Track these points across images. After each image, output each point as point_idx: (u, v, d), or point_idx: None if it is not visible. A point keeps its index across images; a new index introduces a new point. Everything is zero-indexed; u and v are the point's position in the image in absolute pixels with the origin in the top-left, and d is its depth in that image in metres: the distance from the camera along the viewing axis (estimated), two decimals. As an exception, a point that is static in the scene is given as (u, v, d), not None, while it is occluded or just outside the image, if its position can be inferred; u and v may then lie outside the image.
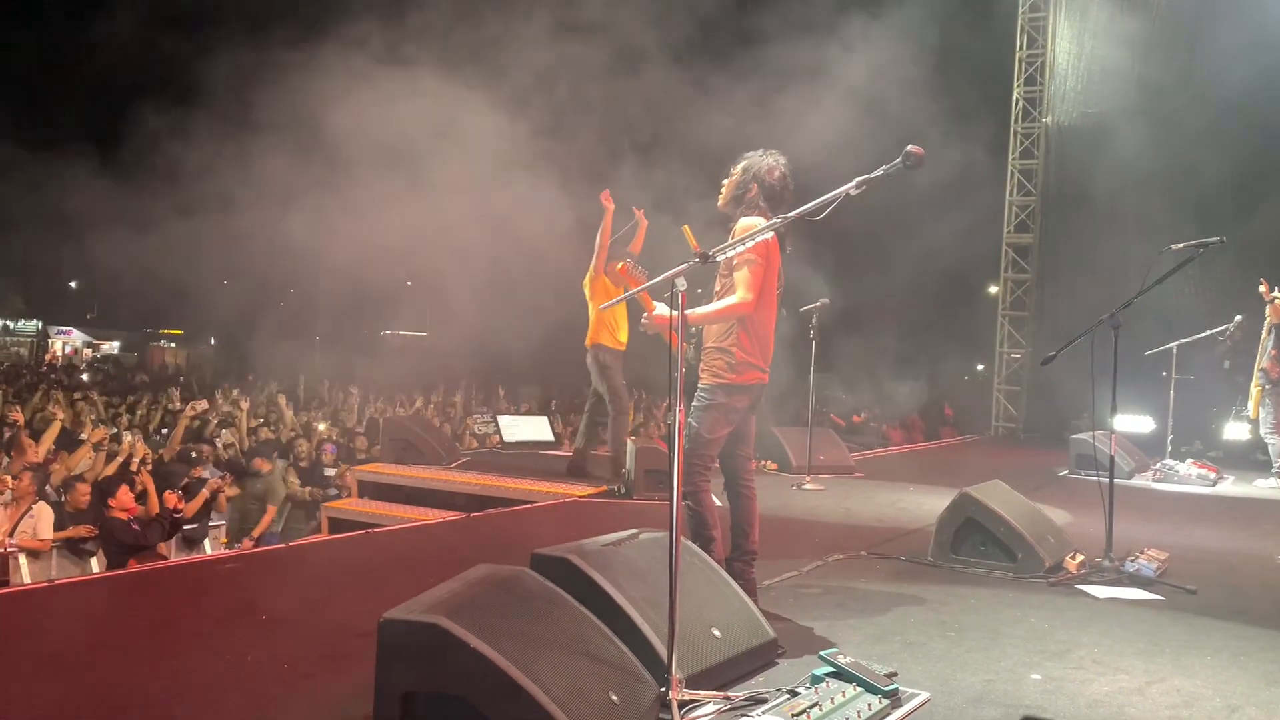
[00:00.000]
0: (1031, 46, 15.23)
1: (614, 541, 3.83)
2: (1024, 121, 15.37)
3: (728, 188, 4.57)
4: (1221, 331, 10.30)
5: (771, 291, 4.46)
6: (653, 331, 4.32)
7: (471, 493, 8.29)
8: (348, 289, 31.47)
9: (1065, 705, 3.47)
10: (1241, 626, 4.58)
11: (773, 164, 4.48)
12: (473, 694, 2.77)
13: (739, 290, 4.25)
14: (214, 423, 11.92)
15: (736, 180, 4.53)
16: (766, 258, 4.32)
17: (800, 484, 8.84)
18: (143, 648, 3.99)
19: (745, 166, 4.52)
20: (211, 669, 3.68)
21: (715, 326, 4.40)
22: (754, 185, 4.45)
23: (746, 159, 4.53)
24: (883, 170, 3.33)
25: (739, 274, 4.26)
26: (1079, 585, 5.25)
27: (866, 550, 6.08)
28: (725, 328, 4.37)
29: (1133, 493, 8.98)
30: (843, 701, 3.22)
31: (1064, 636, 4.31)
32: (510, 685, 2.71)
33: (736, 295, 4.25)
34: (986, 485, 5.88)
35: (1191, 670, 3.90)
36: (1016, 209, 15.50)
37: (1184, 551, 6.09)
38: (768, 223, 4.10)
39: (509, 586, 3.19)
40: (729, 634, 3.65)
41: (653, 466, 7.80)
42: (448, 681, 2.81)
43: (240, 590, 5.06)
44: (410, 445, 9.52)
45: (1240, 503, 9.02)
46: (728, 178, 4.58)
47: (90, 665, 3.76)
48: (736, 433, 4.49)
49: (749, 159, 4.53)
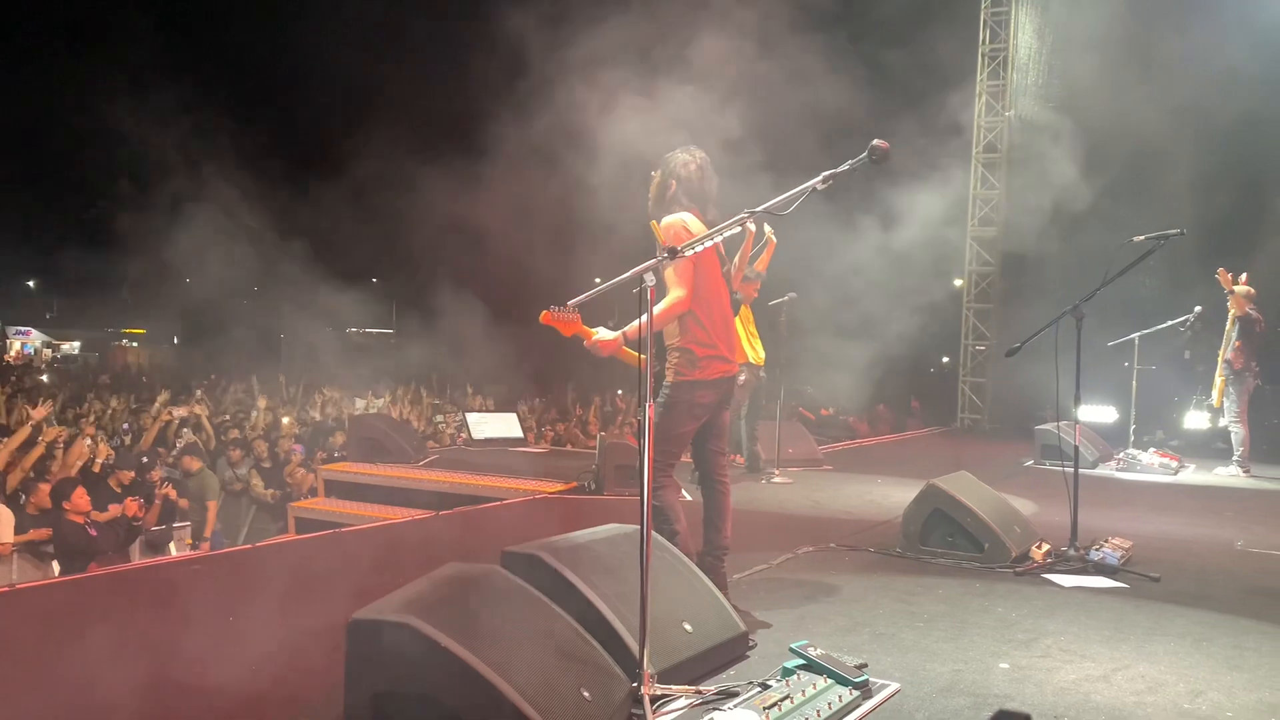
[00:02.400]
0: (994, 41, 15.35)
1: (586, 537, 3.83)
2: (987, 115, 15.50)
3: (651, 192, 4.59)
4: (1182, 322, 10.45)
5: (714, 280, 4.45)
6: (609, 353, 4.30)
7: (440, 491, 8.24)
8: (320, 285, 31.25)
9: (1033, 693, 3.51)
10: (1204, 612, 4.65)
11: (688, 158, 4.50)
12: (444, 693, 2.75)
13: (671, 290, 4.27)
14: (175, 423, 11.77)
15: (657, 183, 4.56)
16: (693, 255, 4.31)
17: (770, 477, 8.87)
18: (106, 652, 3.93)
19: (663, 169, 4.54)
20: (177, 672, 3.64)
21: (670, 327, 4.40)
22: (672, 182, 4.48)
23: (665, 159, 4.55)
24: (849, 165, 3.35)
25: (667, 273, 4.27)
26: (1045, 574, 5.31)
27: (836, 542, 6.11)
28: (678, 326, 4.37)
29: (1097, 482, 9.10)
30: (814, 693, 3.24)
31: (1031, 625, 4.36)
32: (482, 683, 2.70)
33: (670, 295, 4.27)
34: (953, 476, 5.93)
35: (1155, 656, 3.95)
36: (980, 202, 15.63)
37: (1147, 540, 6.17)
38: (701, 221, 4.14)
39: (479, 585, 3.18)
40: (700, 628, 3.66)
41: (623, 462, 7.80)
42: (419, 681, 2.80)
43: (206, 592, 5.01)
44: (377, 444, 9.45)
45: (1201, 491, 9.15)
46: (650, 184, 4.60)
47: (51, 671, 3.70)
48: (708, 427, 4.49)
49: (667, 158, 4.55)
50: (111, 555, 7.59)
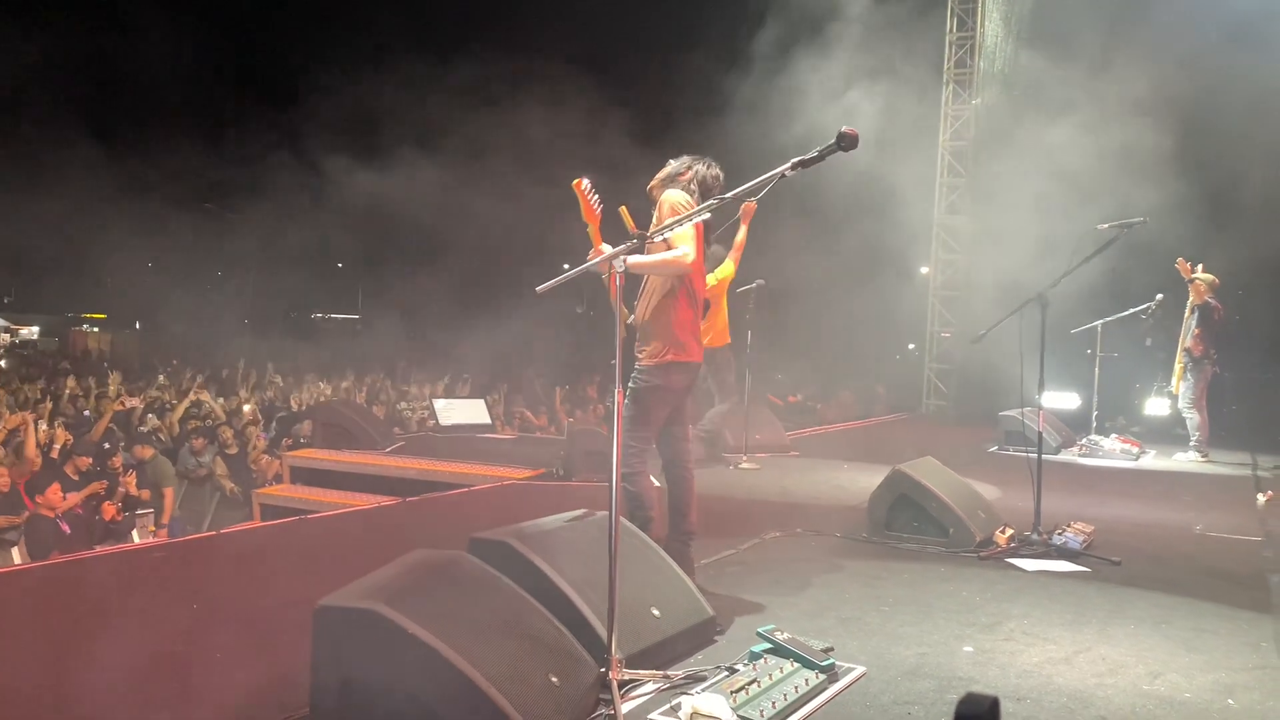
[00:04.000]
0: (961, 29, 15.41)
1: (555, 523, 3.83)
2: (954, 103, 15.57)
3: (663, 170, 4.58)
4: (1143, 309, 10.58)
5: (702, 266, 4.48)
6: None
7: (407, 477, 8.18)
8: (284, 271, 31.00)
9: (996, 676, 3.55)
10: (1163, 595, 4.73)
11: (711, 164, 4.56)
12: (411, 680, 2.74)
13: (680, 244, 4.16)
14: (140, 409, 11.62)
15: (674, 167, 4.55)
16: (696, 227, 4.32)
17: (737, 463, 8.90)
18: (67, 641, 3.88)
19: (688, 160, 4.56)
20: (141, 661, 3.60)
21: (653, 300, 4.38)
22: (689, 171, 4.49)
23: (691, 157, 4.57)
24: (817, 152, 3.35)
25: (679, 232, 4.17)
26: (1009, 559, 5.37)
27: (803, 528, 6.15)
28: (663, 302, 4.34)
29: (1060, 468, 9.21)
30: (780, 677, 3.26)
31: (995, 609, 4.41)
32: (449, 670, 2.69)
33: (679, 249, 4.17)
34: (919, 462, 5.98)
35: (1116, 639, 4.01)
36: (947, 189, 15.72)
37: (1109, 524, 6.26)
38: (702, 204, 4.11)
39: (447, 571, 3.17)
40: (668, 613, 3.67)
41: (592, 448, 7.78)
42: (385, 668, 2.78)
43: (169, 579, 4.94)
44: (343, 430, 9.38)
45: (1162, 476, 9.29)
46: (662, 168, 4.60)
47: (11, 660, 3.64)
48: (673, 413, 4.50)
49: (693, 157, 4.56)
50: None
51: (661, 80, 16.92)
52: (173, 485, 9.67)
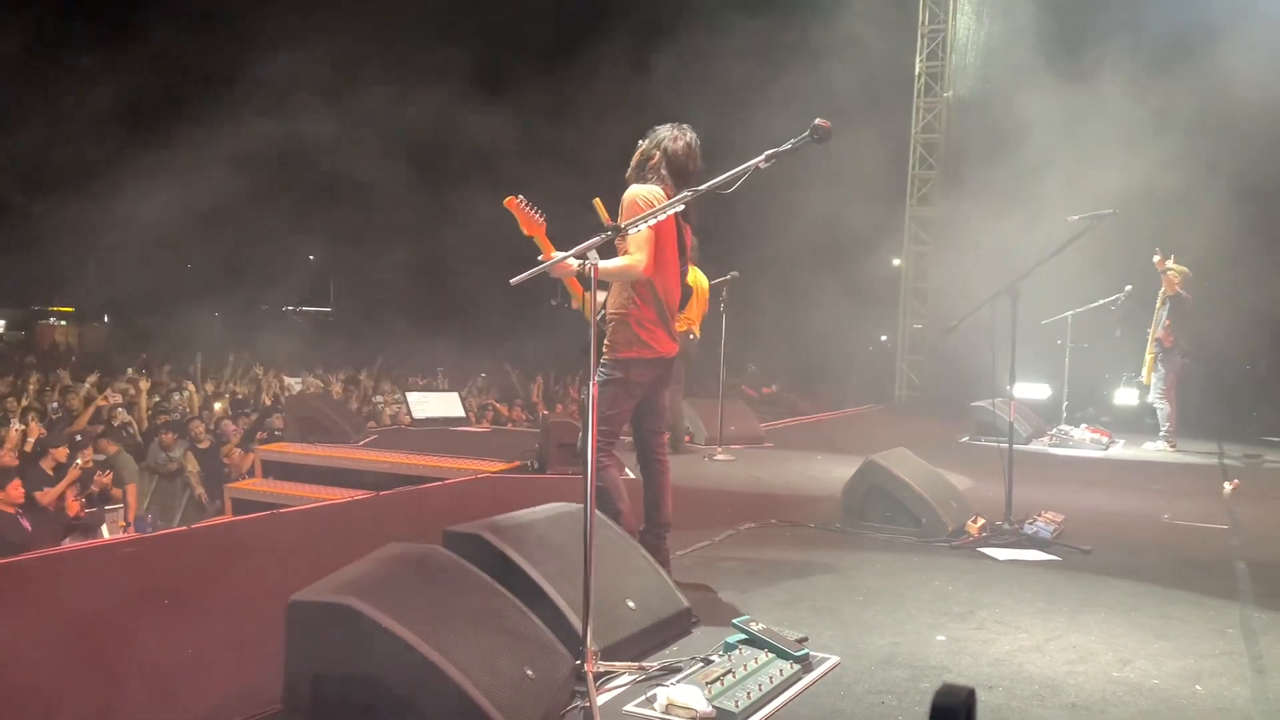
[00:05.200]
0: (934, 21, 15.48)
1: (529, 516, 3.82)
2: (926, 96, 15.64)
3: (634, 159, 4.55)
4: (1113, 300, 10.67)
5: (670, 261, 4.45)
6: (562, 274, 4.23)
7: (380, 471, 8.16)
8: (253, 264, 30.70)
9: (969, 664, 3.58)
10: (1133, 584, 4.78)
11: (676, 134, 4.47)
12: (386, 674, 2.73)
13: (634, 251, 4.19)
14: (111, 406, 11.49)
15: (642, 151, 4.51)
16: (655, 227, 4.30)
17: (712, 455, 8.92)
18: (36, 639, 3.84)
19: (652, 136, 4.51)
20: (111, 658, 3.56)
21: (615, 296, 4.38)
22: (657, 153, 4.44)
23: (656, 130, 4.53)
24: (791, 144, 3.35)
25: (633, 236, 4.22)
26: (980, 548, 5.41)
27: (777, 519, 6.17)
28: (623, 298, 4.34)
29: (1030, 458, 9.29)
30: (755, 668, 3.27)
31: (967, 598, 4.45)
32: (424, 663, 2.68)
33: (631, 256, 4.20)
34: (891, 453, 6.01)
35: (1086, 627, 4.06)
36: (919, 182, 15.80)
37: (1079, 513, 6.32)
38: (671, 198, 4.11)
39: (421, 565, 3.15)
40: (643, 605, 3.67)
41: (565, 441, 7.78)
42: (360, 662, 2.77)
43: (140, 575, 4.91)
44: (316, 423, 9.33)
45: (1131, 465, 9.40)
46: (637, 150, 4.57)
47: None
48: (646, 406, 4.48)
49: (655, 130, 4.52)
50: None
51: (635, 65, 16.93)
52: (135, 482, 9.56)
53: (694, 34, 15.53)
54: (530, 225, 4.26)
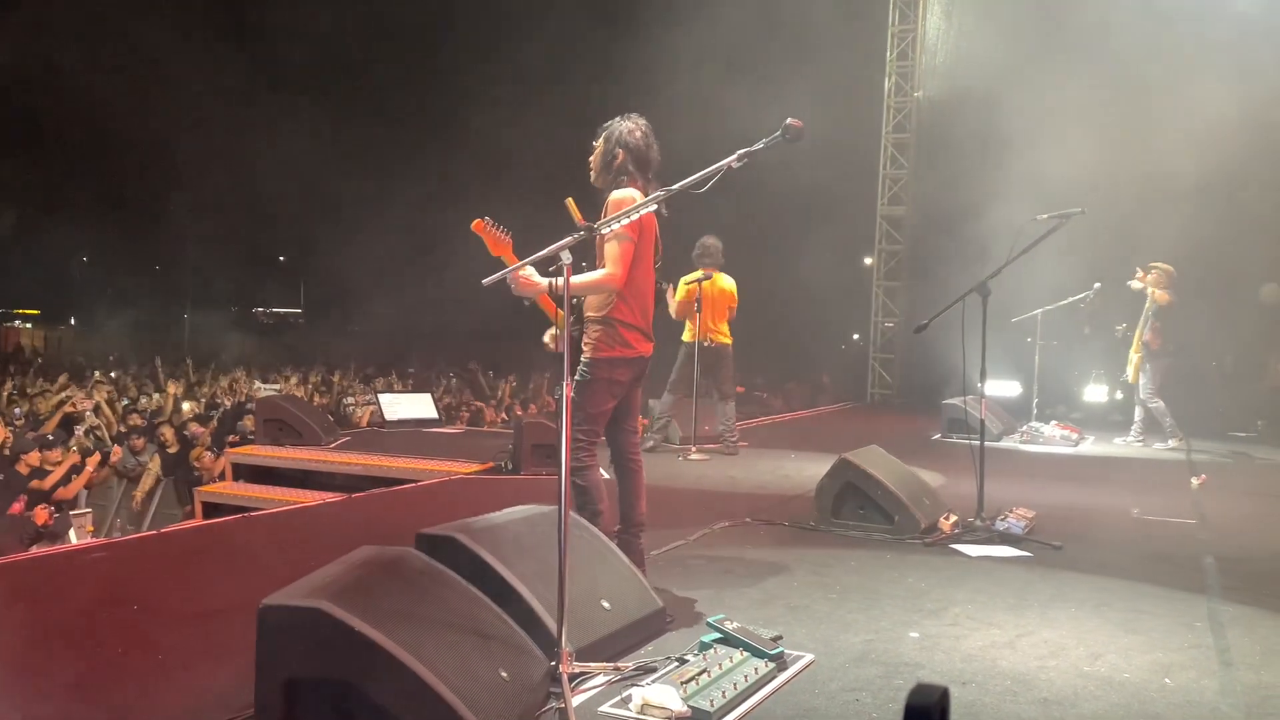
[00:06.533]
0: (904, 21, 15.57)
1: (503, 518, 3.80)
2: (897, 96, 15.73)
3: (595, 160, 4.53)
4: (1082, 299, 10.76)
5: (647, 261, 4.45)
6: (529, 293, 4.23)
7: (353, 473, 8.11)
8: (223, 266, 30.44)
9: (942, 660, 3.60)
10: (1103, 579, 4.83)
11: (631, 126, 4.46)
12: (359, 678, 2.71)
13: (609, 265, 4.22)
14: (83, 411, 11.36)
15: (601, 150, 4.49)
16: (639, 233, 4.31)
17: (686, 455, 8.92)
18: (3, 647, 3.78)
19: (607, 135, 4.49)
20: (80, 664, 3.52)
21: (594, 297, 4.38)
22: (619, 151, 4.42)
23: (606, 128, 4.51)
24: (763, 143, 3.36)
25: (609, 248, 4.22)
26: (953, 544, 5.45)
27: (751, 517, 6.18)
28: (604, 298, 4.35)
29: (1001, 454, 9.36)
30: (730, 666, 3.27)
31: (940, 595, 4.47)
32: (397, 667, 2.66)
33: (606, 270, 4.23)
34: (864, 451, 6.04)
35: (1057, 622, 4.09)
36: (890, 181, 15.89)
37: (1050, 509, 6.37)
38: (645, 196, 4.11)
39: (394, 567, 3.13)
40: (618, 605, 3.66)
41: (540, 441, 7.76)
42: (332, 667, 2.75)
43: (109, 580, 4.84)
44: (286, 426, 9.25)
45: (1100, 461, 9.49)
46: (592, 153, 4.56)
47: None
48: (621, 406, 4.49)
49: (609, 127, 4.50)
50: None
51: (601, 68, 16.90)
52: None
53: (663, 32, 15.52)
54: (497, 245, 4.26)
